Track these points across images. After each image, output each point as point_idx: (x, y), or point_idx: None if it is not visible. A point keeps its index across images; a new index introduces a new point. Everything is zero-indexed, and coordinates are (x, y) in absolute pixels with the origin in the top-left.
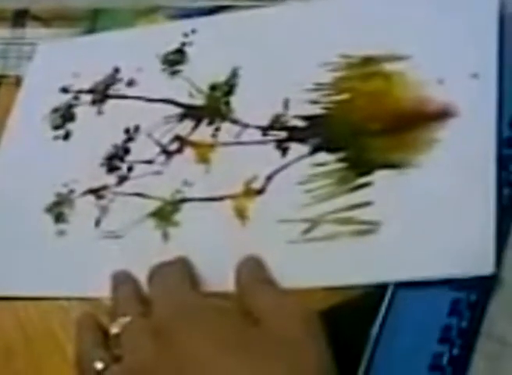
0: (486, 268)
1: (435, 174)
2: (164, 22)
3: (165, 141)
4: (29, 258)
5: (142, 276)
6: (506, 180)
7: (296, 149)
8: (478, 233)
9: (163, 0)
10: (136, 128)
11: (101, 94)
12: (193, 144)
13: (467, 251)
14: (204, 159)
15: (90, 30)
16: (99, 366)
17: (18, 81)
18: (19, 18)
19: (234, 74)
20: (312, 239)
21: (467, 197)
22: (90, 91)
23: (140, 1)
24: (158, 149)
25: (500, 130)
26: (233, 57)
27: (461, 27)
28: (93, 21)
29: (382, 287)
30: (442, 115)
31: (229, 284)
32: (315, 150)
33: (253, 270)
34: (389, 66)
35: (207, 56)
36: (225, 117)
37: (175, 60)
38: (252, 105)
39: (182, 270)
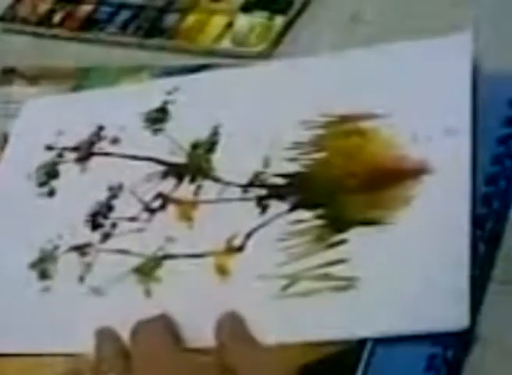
0: (461, 323)
1: (411, 231)
2: (148, 80)
3: (148, 198)
4: (13, 314)
5: (125, 332)
6: (481, 238)
7: (276, 206)
8: (453, 289)
9: (147, 59)
10: (120, 185)
11: (85, 151)
12: (176, 202)
13: (442, 307)
14: (186, 216)
15: (76, 88)
16: None
17: (5, 138)
18: (6, 76)
19: (215, 132)
20: (291, 295)
21: (441, 253)
22: (75, 149)
23: (125, 61)
24: (141, 206)
25: (475, 187)
26: (214, 115)
27: (435, 86)
28: (79, 80)
29: (360, 343)
30: (417, 172)
31: (209, 339)
32: (294, 207)
33: (232, 327)
34: (364, 124)
35: (189, 114)
36: (206, 175)
37: (157, 118)
38: (233, 162)
39: (164, 328)
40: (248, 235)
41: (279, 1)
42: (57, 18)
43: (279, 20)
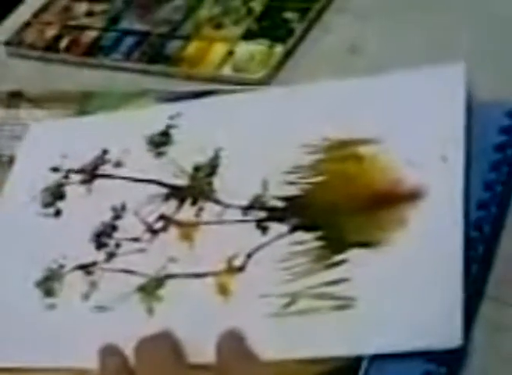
0: (454, 341)
1: (407, 252)
2: (152, 105)
3: (150, 219)
4: (19, 331)
5: (128, 349)
6: (474, 259)
7: (276, 228)
8: (447, 308)
9: (151, 85)
10: (123, 207)
11: (89, 174)
12: (178, 223)
13: (436, 325)
14: (188, 237)
15: (82, 112)
16: None
17: (11, 160)
18: (13, 100)
19: (216, 156)
20: (291, 313)
21: (435, 274)
22: (80, 171)
23: (129, 86)
24: (143, 227)
25: (468, 212)
26: (216, 139)
27: (430, 113)
28: (84, 103)
29: (356, 360)
30: (413, 196)
31: (210, 356)
32: (294, 229)
33: (233, 345)
34: (362, 149)
35: (191, 138)
36: (208, 197)
37: (160, 142)
38: (233, 185)
39: (167, 344)
40: (249, 255)
41: (279, 29)
42: (63, 44)
43: (279, 48)
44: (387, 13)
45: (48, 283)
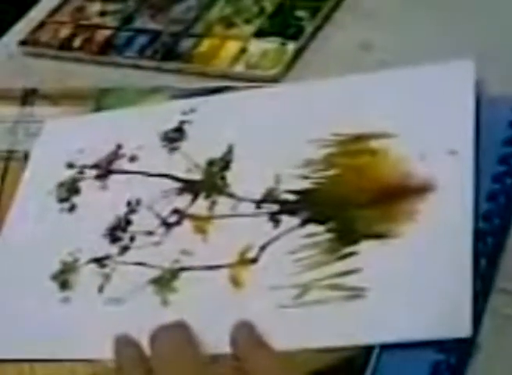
0: (463, 331)
1: (417, 244)
2: (166, 101)
3: (164, 213)
4: (36, 323)
5: (143, 340)
6: (483, 252)
7: (288, 221)
8: (456, 299)
9: (164, 82)
10: (138, 201)
11: (104, 169)
12: (192, 217)
13: (446, 316)
14: (201, 231)
15: (96, 109)
16: None
17: (26, 156)
18: (28, 97)
19: (230, 151)
20: (303, 304)
21: (445, 266)
22: (94, 167)
23: (142, 83)
24: (158, 221)
25: (477, 204)
26: (229, 134)
27: (440, 108)
28: (99, 100)
29: (367, 350)
30: (423, 189)
31: (224, 347)
32: (305, 222)
33: (247, 334)
34: (375, 144)
35: (204, 134)
36: (221, 191)
37: (174, 137)
38: (246, 179)
39: (183, 335)
40: (262, 248)
41: (291, 27)
42: (77, 42)
43: (291, 46)
44: (397, 11)
45: (64, 276)
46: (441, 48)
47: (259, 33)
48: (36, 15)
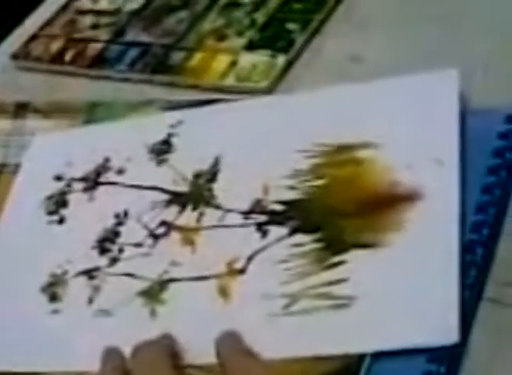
0: (451, 338)
1: (404, 253)
2: (155, 114)
3: (152, 225)
4: (24, 336)
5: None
6: (472, 262)
7: (276, 231)
8: (444, 306)
9: (155, 95)
10: (126, 213)
11: (92, 181)
12: (179, 228)
13: (434, 324)
14: (189, 242)
15: (87, 122)
16: None
17: (17, 169)
18: (20, 110)
19: (217, 162)
20: (292, 313)
21: (433, 274)
22: (82, 179)
23: (134, 96)
24: (146, 233)
25: (465, 213)
26: (216, 146)
27: (425, 118)
28: (90, 114)
29: (358, 360)
30: (410, 198)
31: (212, 357)
32: (293, 232)
33: (233, 344)
34: (361, 154)
35: (191, 146)
36: (208, 203)
37: (162, 150)
38: (233, 191)
39: (162, 347)
40: (250, 258)
41: (281, 40)
42: (69, 56)
43: (281, 58)
44: (388, 24)
45: (53, 289)
46: (431, 60)
47: (250, 46)
48: (28, 28)
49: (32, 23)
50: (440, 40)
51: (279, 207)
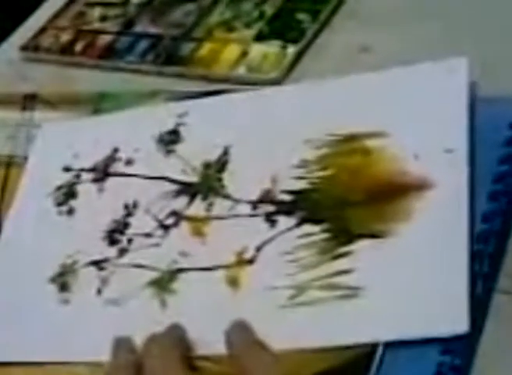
0: (461, 328)
1: (412, 243)
2: (164, 104)
3: (162, 215)
4: (34, 326)
5: (142, 342)
6: (485, 252)
7: (284, 221)
8: (453, 297)
9: (165, 86)
10: (135, 204)
11: (101, 172)
12: (189, 219)
13: (443, 313)
14: (198, 232)
15: (95, 113)
16: None
17: (26, 160)
18: (29, 102)
19: (225, 152)
20: (299, 304)
21: (442, 263)
22: (91, 170)
23: (144, 88)
24: (155, 223)
25: (475, 203)
26: (225, 136)
27: (434, 107)
28: (98, 104)
29: (370, 351)
30: (419, 187)
31: (222, 348)
32: (302, 222)
33: (243, 335)
34: (369, 143)
35: (200, 136)
36: (217, 193)
37: (170, 140)
38: (242, 181)
39: (173, 338)
40: (258, 248)
41: (291, 30)
42: (79, 47)
43: (292, 49)
44: (397, 15)
45: (63, 279)
46: (440, 52)
47: (259, 37)
48: (36, 20)
49: (40, 15)
50: (450, 31)
51: (287, 197)
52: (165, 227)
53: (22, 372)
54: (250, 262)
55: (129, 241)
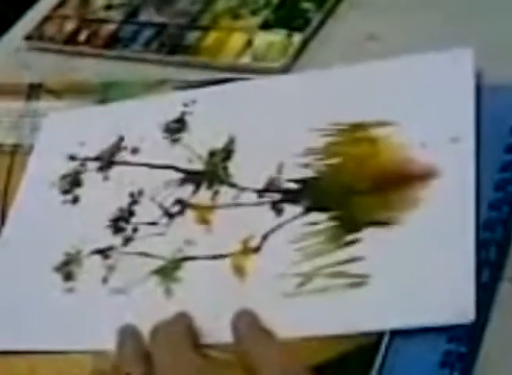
0: (467, 316)
1: (420, 230)
2: (170, 93)
3: (167, 204)
4: (38, 315)
5: (147, 330)
6: (492, 240)
7: (290, 210)
8: (460, 285)
9: (170, 75)
10: (140, 192)
11: (106, 161)
12: (194, 207)
13: (449, 302)
14: (204, 220)
15: (101, 102)
16: None
17: (30, 150)
18: (34, 91)
19: (231, 141)
20: (306, 292)
21: (449, 251)
22: (96, 159)
23: (148, 77)
24: (160, 212)
25: (482, 191)
26: (230, 125)
27: (440, 96)
28: (103, 94)
29: (377, 340)
30: (425, 176)
31: (228, 336)
32: (308, 210)
33: (249, 322)
34: (375, 132)
35: (206, 124)
36: (223, 181)
37: (176, 128)
38: (248, 169)
39: (181, 327)
40: (264, 237)
41: (297, 19)
42: (83, 36)
43: (297, 37)
44: (403, 3)
45: (67, 268)
46: (445, 40)
47: (265, 25)
48: (41, 9)
49: (45, 4)
50: (456, 19)
51: (293, 185)
52: (171, 216)
53: (25, 363)
54: (256, 250)
55: (135, 229)
